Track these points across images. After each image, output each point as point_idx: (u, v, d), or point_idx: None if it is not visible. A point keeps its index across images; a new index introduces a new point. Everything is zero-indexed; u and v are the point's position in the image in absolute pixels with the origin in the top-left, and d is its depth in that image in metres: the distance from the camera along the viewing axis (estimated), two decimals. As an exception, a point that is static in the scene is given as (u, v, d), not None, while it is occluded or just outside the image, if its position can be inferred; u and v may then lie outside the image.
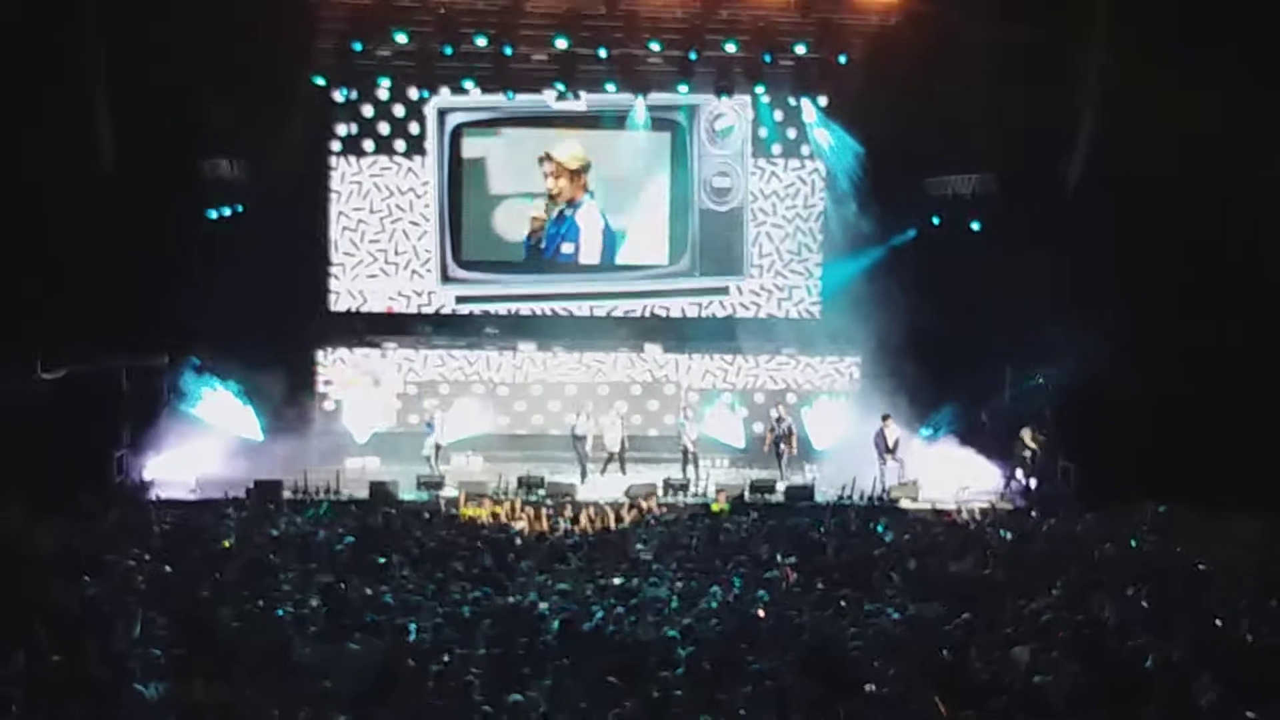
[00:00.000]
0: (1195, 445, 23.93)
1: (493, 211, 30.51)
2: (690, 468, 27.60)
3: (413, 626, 14.45)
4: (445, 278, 30.47)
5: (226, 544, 19.23)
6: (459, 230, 30.48)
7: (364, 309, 30.40)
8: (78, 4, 24.64)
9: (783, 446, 28.27)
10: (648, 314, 31.08)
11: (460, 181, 30.33)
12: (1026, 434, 27.08)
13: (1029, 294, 25.84)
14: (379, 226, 30.27)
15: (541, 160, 30.28)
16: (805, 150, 30.81)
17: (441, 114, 29.99)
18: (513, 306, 30.83)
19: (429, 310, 30.58)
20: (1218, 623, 15.25)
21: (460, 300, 30.62)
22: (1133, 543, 20.12)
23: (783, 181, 31.03)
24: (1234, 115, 23.26)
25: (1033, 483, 26.99)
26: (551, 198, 30.46)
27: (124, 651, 13.23)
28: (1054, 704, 12.55)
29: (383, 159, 30.12)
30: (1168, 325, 24.97)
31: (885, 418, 27.27)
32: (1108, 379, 24.83)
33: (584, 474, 27.38)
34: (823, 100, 30.02)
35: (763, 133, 30.75)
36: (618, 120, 30.00)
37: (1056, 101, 26.17)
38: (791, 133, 30.70)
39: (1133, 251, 24.90)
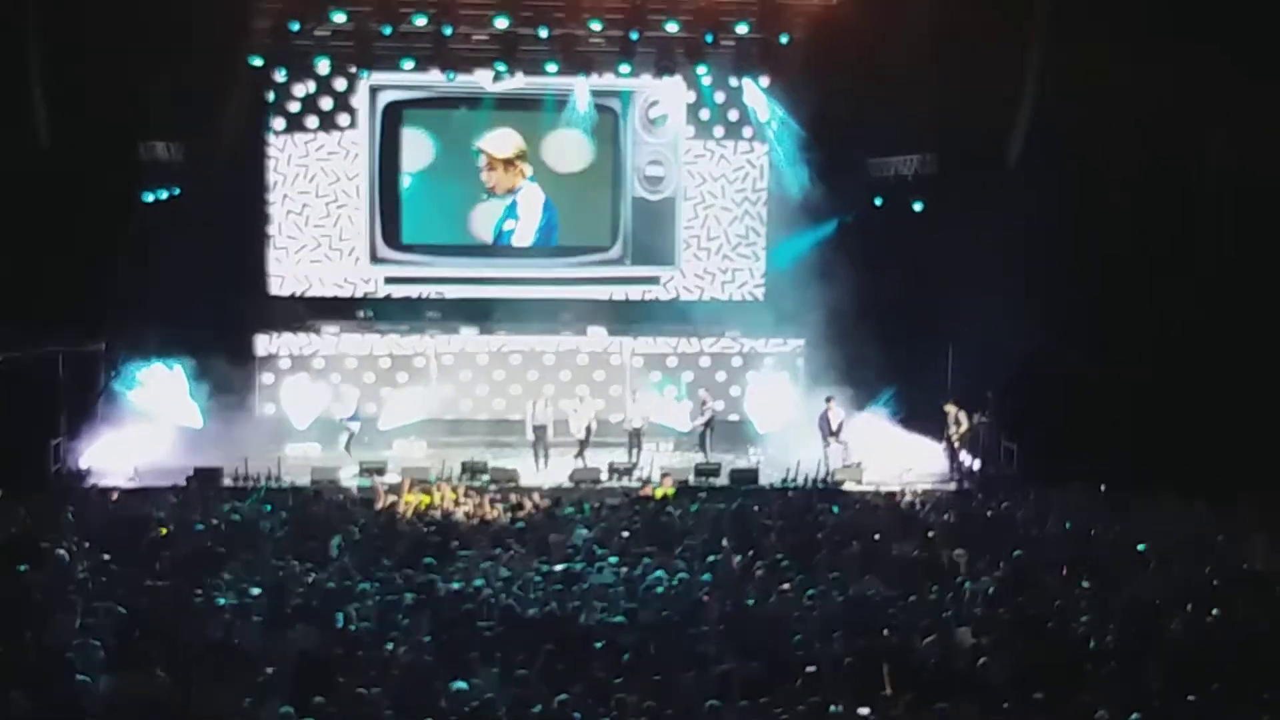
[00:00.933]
0: (1138, 425, 24.11)
1: (428, 194, 30.38)
2: (635, 451, 27.51)
3: (354, 613, 14.36)
4: (375, 258, 30.25)
5: (164, 531, 19.03)
6: (391, 211, 30.29)
7: (305, 292, 30.15)
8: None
9: (706, 431, 28.10)
10: (589, 298, 30.98)
11: (393, 161, 30.11)
12: (951, 410, 27.10)
13: (971, 273, 25.90)
14: (317, 208, 29.97)
15: (475, 153, 30.15)
16: (747, 132, 30.75)
17: (374, 91, 29.70)
18: (451, 289, 30.66)
19: (358, 293, 30.36)
20: (1156, 603, 15.36)
21: (389, 280, 30.41)
22: (1066, 525, 20.19)
23: (724, 164, 30.96)
24: (1175, 88, 23.38)
25: (975, 463, 27.07)
26: (488, 189, 30.33)
27: (64, 642, 13.08)
28: (996, 685, 12.59)
29: (319, 139, 29.79)
30: (1110, 302, 25.12)
31: (829, 399, 27.28)
32: (1049, 357, 24.93)
33: (542, 462, 27.20)
34: (765, 81, 29.92)
35: (705, 114, 30.66)
36: (558, 103, 29.87)
37: (997, 80, 26.19)
38: (734, 114, 30.61)
39: (1073, 228, 24.99)
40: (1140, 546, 18.44)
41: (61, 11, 24.55)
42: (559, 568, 16.97)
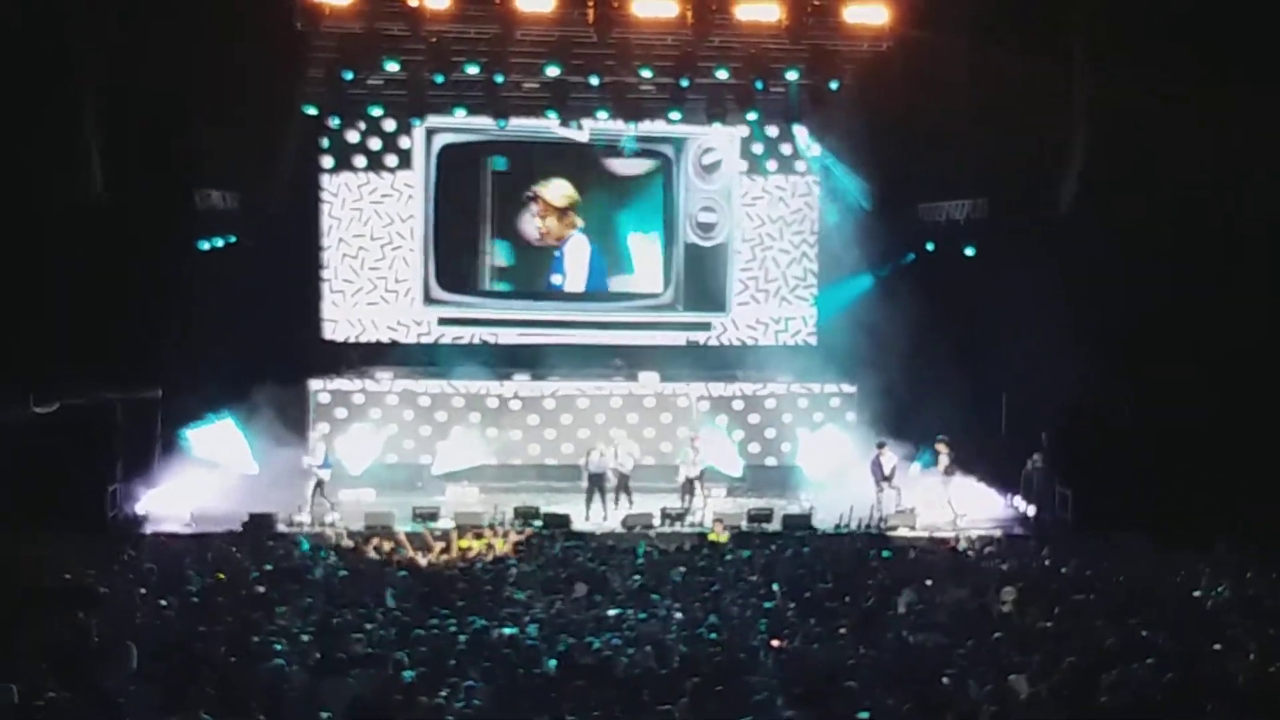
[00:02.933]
0: (1194, 472, 23.88)
1: (481, 237, 30.58)
2: (690, 498, 27.35)
3: (407, 659, 14.35)
4: (428, 299, 30.45)
5: (221, 576, 19.11)
6: (444, 253, 30.48)
7: (359, 337, 30.35)
8: (70, 34, 24.58)
9: (696, 485, 27.54)
10: (640, 344, 31.05)
11: (448, 204, 30.35)
12: (942, 447, 26.99)
13: (1024, 318, 25.84)
14: (371, 252, 30.32)
15: (528, 200, 30.31)
16: (798, 179, 30.84)
17: (430, 134, 30.03)
18: (500, 334, 30.83)
19: (414, 335, 30.55)
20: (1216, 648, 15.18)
21: (443, 322, 30.57)
22: (1119, 578, 19.98)
23: (777, 208, 31.06)
24: (1225, 134, 23.31)
25: (1030, 509, 26.92)
26: (541, 236, 30.50)
27: (120, 687, 13.12)
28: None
29: (374, 185, 30.22)
30: (1163, 346, 24.94)
31: (881, 445, 27.18)
32: (1104, 404, 24.78)
33: (596, 508, 27.07)
34: (815, 127, 30.00)
35: (756, 162, 30.77)
36: (609, 149, 30.08)
37: (1048, 124, 26.19)
38: (785, 161, 30.72)
39: (1125, 272, 24.88)
40: (1195, 594, 18.25)
41: (117, 60, 24.84)
42: (612, 612, 16.92)
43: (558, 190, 30.56)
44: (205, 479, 26.79)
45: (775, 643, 15.44)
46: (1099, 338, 25.00)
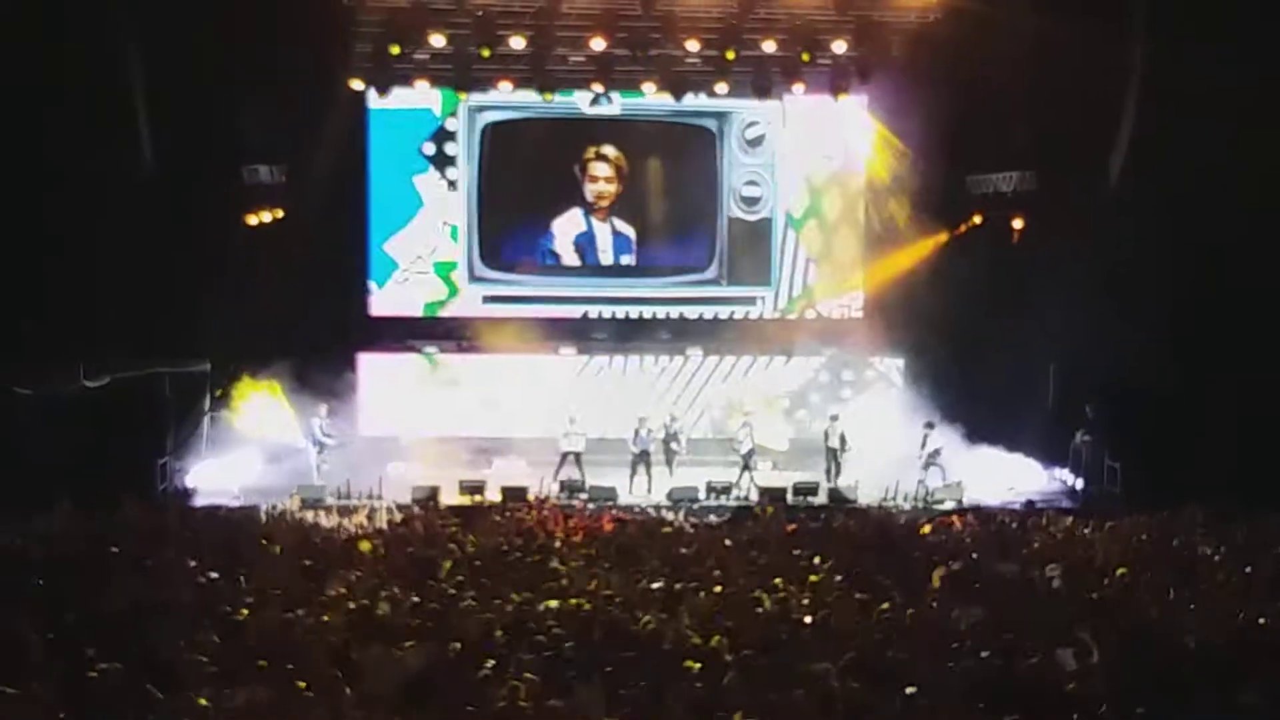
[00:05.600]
0: (1247, 445, 23.71)
1: (524, 214, 30.72)
2: (748, 472, 27.34)
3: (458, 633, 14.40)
4: (473, 277, 30.55)
5: (278, 549, 19.22)
6: (488, 229, 30.57)
7: (405, 312, 30.49)
8: (116, 10, 24.70)
9: (673, 446, 27.82)
10: (685, 318, 31.13)
11: (492, 180, 30.39)
12: (929, 431, 27.14)
13: (1072, 291, 25.72)
14: (417, 228, 30.36)
15: (590, 160, 30.36)
16: (844, 150, 30.73)
17: (473, 112, 30.08)
18: (544, 310, 30.92)
19: (459, 310, 30.72)
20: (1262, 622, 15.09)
21: (487, 300, 30.70)
22: (1175, 543, 19.87)
23: (821, 181, 30.97)
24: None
25: (1079, 482, 26.82)
26: (598, 198, 30.55)
27: (173, 658, 13.22)
28: (1099, 706, 12.42)
29: (419, 161, 30.30)
30: (1213, 320, 24.75)
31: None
32: (1153, 377, 24.61)
33: (641, 480, 27.22)
34: (863, 98, 29.89)
35: (801, 133, 30.68)
36: (652, 122, 30.08)
37: (1098, 97, 25.99)
38: (831, 132, 30.62)
39: (1175, 245, 24.69)
40: (1247, 569, 18.12)
41: (163, 37, 24.94)
42: (656, 585, 16.92)
43: (607, 158, 30.56)
44: (253, 452, 26.98)
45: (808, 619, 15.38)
46: (1147, 310, 24.82)
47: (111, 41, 24.79)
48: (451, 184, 30.31)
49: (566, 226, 30.86)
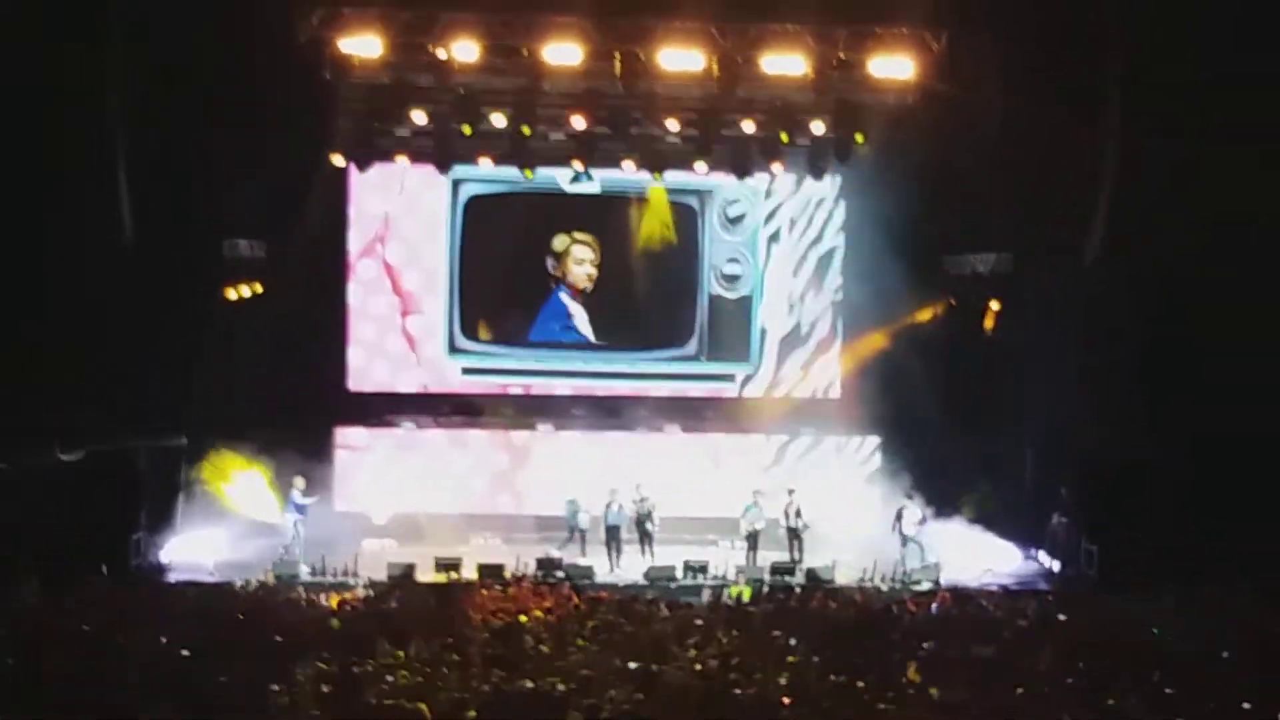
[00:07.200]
0: (1222, 527, 23.68)
1: (506, 288, 30.76)
2: (754, 553, 27.23)
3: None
4: (453, 349, 30.54)
5: (240, 617, 19.05)
6: (469, 303, 30.61)
7: (383, 387, 30.44)
8: (101, 80, 24.77)
9: (648, 526, 27.75)
10: (664, 395, 31.17)
11: (473, 254, 30.48)
12: (909, 503, 27.21)
13: (1048, 371, 25.79)
14: (395, 302, 30.42)
15: (571, 245, 30.63)
16: (821, 230, 30.90)
17: (456, 184, 30.18)
18: (523, 384, 30.95)
19: (438, 384, 30.68)
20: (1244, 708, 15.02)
21: (466, 371, 30.65)
22: (1154, 631, 19.80)
23: (799, 261, 31.11)
24: (1253, 181, 23.25)
25: (1055, 565, 26.80)
26: (579, 280, 30.74)
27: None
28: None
29: (400, 234, 30.40)
30: (1191, 398, 24.80)
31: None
32: (1130, 459, 24.64)
33: (615, 560, 27.17)
34: (840, 179, 30.10)
35: (781, 213, 30.84)
36: (635, 198, 30.23)
37: (1072, 178, 26.16)
38: (810, 212, 30.80)
39: (1152, 324, 24.80)
40: (1224, 654, 18.06)
41: (146, 110, 25.01)
42: (632, 665, 16.80)
43: (585, 241, 30.65)
44: (228, 528, 26.80)
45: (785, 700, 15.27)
46: (1124, 391, 24.88)
47: (95, 114, 24.82)
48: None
49: (545, 302, 30.86)
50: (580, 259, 30.74)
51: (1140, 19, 24.44)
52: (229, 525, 26.90)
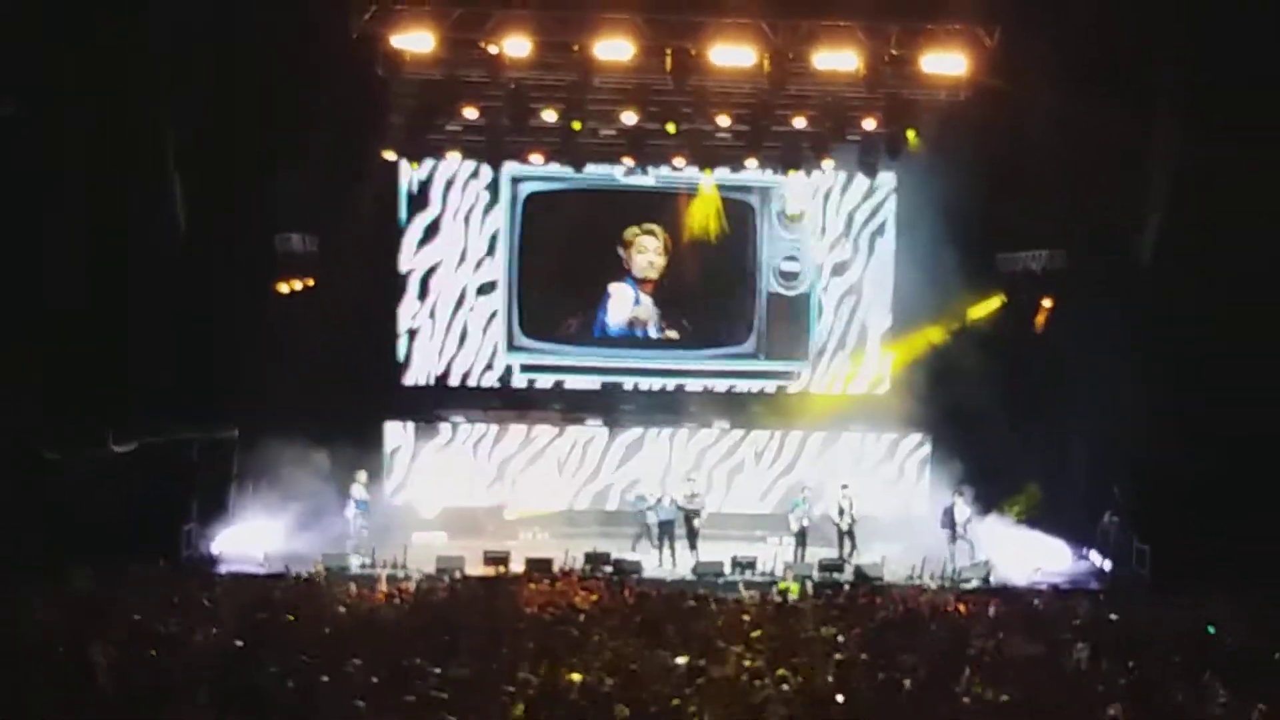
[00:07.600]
0: (1275, 528, 23.49)
1: (562, 285, 30.78)
2: (803, 549, 27.24)
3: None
4: (511, 346, 30.61)
5: (291, 618, 19.15)
6: (528, 299, 30.67)
7: (437, 381, 30.58)
8: (152, 78, 24.96)
9: (695, 523, 27.75)
10: (721, 391, 31.18)
11: (532, 251, 30.54)
12: (959, 499, 27.15)
13: (1101, 370, 25.61)
14: (450, 298, 30.51)
15: (638, 235, 30.64)
16: (876, 227, 30.82)
17: (515, 181, 30.24)
18: (580, 380, 30.96)
19: (493, 380, 30.77)
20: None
21: (525, 369, 30.72)
22: (1209, 629, 19.65)
23: (853, 257, 31.04)
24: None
25: (1107, 564, 26.62)
26: (646, 272, 30.81)
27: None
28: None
29: (454, 230, 30.45)
30: (1243, 399, 24.61)
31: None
32: (1184, 458, 24.46)
33: (666, 555, 27.17)
34: (892, 175, 30.01)
35: (834, 209, 30.79)
36: (688, 194, 30.19)
37: (1127, 175, 25.99)
38: (863, 209, 30.73)
39: (1208, 324, 24.59)
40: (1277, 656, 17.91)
41: (198, 105, 25.19)
42: (680, 660, 16.79)
43: (652, 230, 30.71)
44: (279, 519, 26.94)
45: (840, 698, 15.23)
46: (1178, 390, 24.70)
47: (146, 111, 25.01)
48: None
49: (618, 299, 30.93)
50: (644, 248, 30.71)
51: (1197, 17, 24.25)
52: (280, 517, 27.01)
